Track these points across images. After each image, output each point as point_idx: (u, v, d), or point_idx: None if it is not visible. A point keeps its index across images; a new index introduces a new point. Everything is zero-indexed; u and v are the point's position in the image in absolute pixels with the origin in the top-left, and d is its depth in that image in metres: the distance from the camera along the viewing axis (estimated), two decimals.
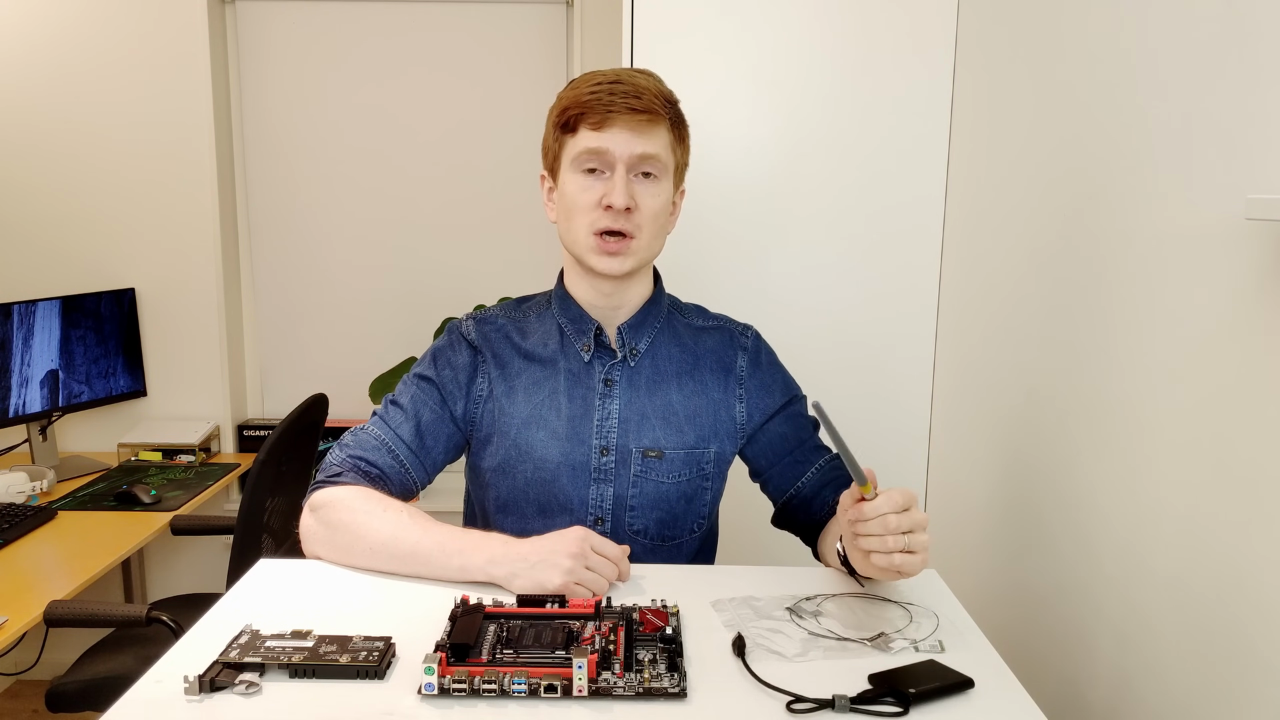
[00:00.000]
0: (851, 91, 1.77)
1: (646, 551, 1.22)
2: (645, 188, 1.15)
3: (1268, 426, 0.88)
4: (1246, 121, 0.92)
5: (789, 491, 1.26)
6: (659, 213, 1.17)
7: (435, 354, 1.25)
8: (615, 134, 1.12)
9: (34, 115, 2.68)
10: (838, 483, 1.25)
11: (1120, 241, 1.15)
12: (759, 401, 1.26)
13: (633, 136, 1.12)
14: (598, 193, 1.14)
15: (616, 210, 1.12)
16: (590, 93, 1.12)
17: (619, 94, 1.11)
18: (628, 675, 0.83)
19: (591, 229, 1.14)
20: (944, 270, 1.80)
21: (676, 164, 1.19)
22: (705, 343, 1.27)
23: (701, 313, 1.31)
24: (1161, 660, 1.04)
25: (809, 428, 1.28)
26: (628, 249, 1.15)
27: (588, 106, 1.12)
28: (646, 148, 1.13)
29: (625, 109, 1.11)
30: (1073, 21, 1.30)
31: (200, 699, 0.81)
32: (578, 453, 1.20)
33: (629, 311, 1.23)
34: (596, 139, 1.12)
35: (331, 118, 2.77)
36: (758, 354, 1.28)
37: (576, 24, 2.63)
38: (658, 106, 1.13)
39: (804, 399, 1.29)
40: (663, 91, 1.16)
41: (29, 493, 2.29)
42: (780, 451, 1.26)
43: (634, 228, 1.14)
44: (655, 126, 1.14)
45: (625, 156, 1.12)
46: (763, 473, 1.28)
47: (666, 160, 1.16)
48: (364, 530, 1.08)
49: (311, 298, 2.86)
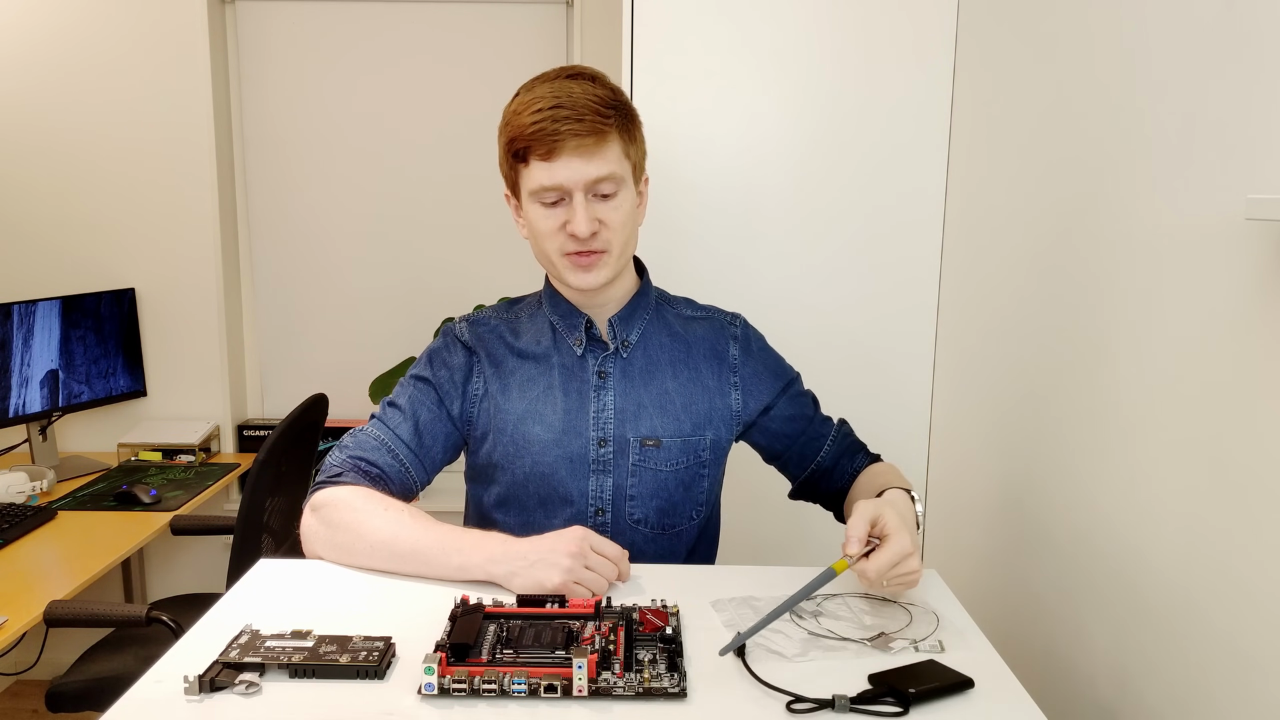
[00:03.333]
0: (852, 90, 1.77)
1: (647, 541, 1.23)
2: (606, 205, 1.14)
3: (1267, 426, 0.88)
4: (1246, 121, 0.92)
5: (810, 467, 1.31)
6: (625, 221, 1.17)
7: (431, 355, 1.26)
8: (565, 163, 1.11)
9: (34, 115, 2.68)
10: (851, 449, 1.32)
11: (1120, 241, 1.15)
12: (755, 389, 1.28)
13: (583, 163, 1.11)
14: (560, 219, 1.14)
15: (582, 237, 1.13)
16: (534, 124, 1.10)
17: (561, 119, 1.09)
18: (628, 675, 0.84)
19: (561, 251, 1.16)
20: (944, 269, 1.80)
21: (633, 165, 1.18)
22: (696, 331, 1.29)
23: (690, 303, 1.33)
24: (1161, 660, 1.04)
25: (810, 404, 1.33)
26: (600, 262, 1.16)
27: (533, 139, 1.11)
28: (599, 170, 1.12)
29: (571, 135, 1.10)
30: (1072, 21, 1.30)
31: (200, 699, 0.81)
32: (575, 445, 1.21)
33: (616, 305, 1.25)
34: (548, 172, 1.12)
35: (331, 117, 2.77)
36: (748, 341, 1.30)
37: (576, 24, 2.63)
38: (600, 122, 1.11)
39: (799, 378, 1.34)
40: (604, 98, 1.13)
41: (29, 493, 2.29)
42: (793, 433, 1.30)
43: (603, 244, 1.15)
44: (604, 144, 1.12)
45: (580, 183, 1.12)
46: (780, 455, 1.32)
47: (622, 172, 1.15)
48: (364, 529, 1.08)
49: (311, 298, 2.86)
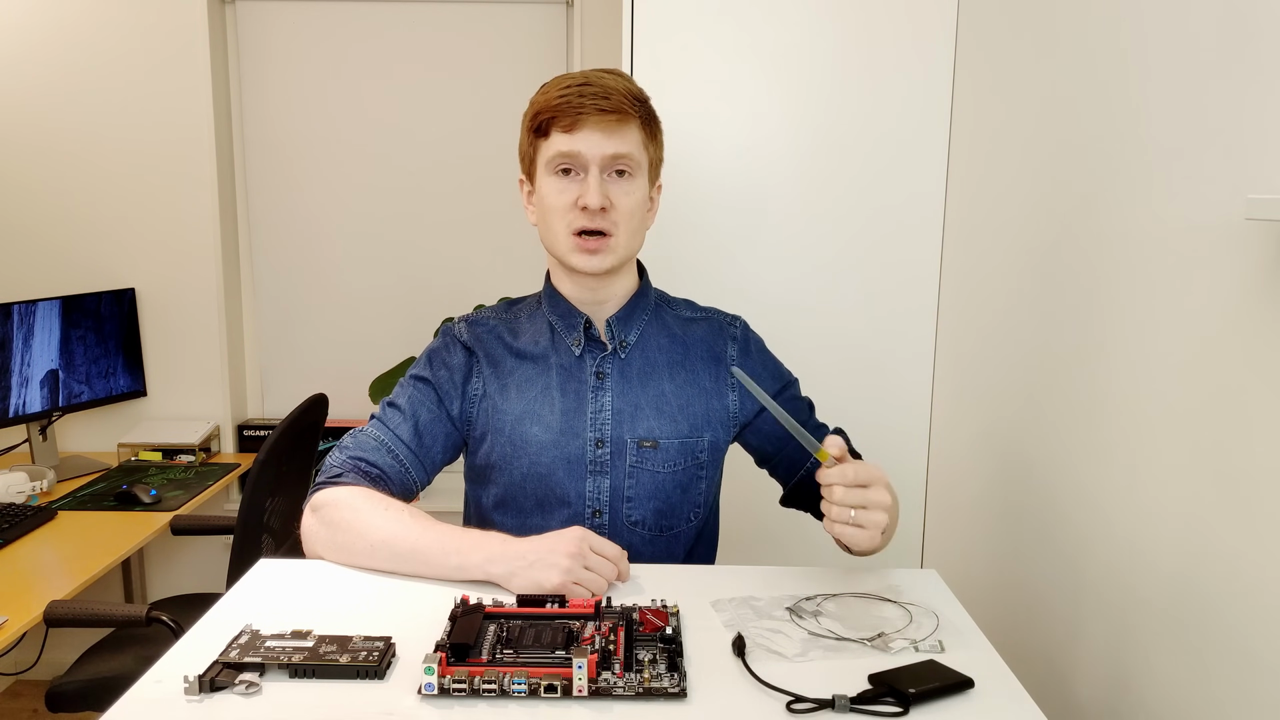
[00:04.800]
0: (852, 90, 1.77)
1: (645, 542, 1.23)
2: (619, 186, 1.16)
3: (1267, 426, 0.88)
4: (1246, 121, 0.92)
5: (799, 473, 1.29)
6: (635, 210, 1.18)
7: (430, 356, 1.26)
8: (586, 135, 1.14)
9: (34, 115, 2.68)
10: None
11: (1120, 241, 1.15)
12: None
13: (603, 137, 1.14)
14: (573, 194, 1.15)
15: (592, 210, 1.14)
16: (560, 96, 1.14)
17: (588, 95, 1.13)
18: (628, 675, 0.83)
19: (569, 230, 1.16)
20: (944, 269, 1.80)
21: (650, 161, 1.21)
22: (694, 333, 1.29)
23: (690, 305, 1.33)
24: (1161, 660, 1.04)
25: (805, 410, 1.32)
26: (606, 246, 1.17)
27: (558, 110, 1.14)
28: (618, 147, 1.15)
29: (595, 110, 1.13)
30: (1072, 21, 1.30)
31: (200, 699, 0.81)
32: (573, 446, 1.20)
33: (616, 305, 1.25)
34: (568, 141, 1.14)
35: (331, 117, 2.77)
36: (747, 343, 1.30)
37: (576, 24, 2.63)
38: (626, 105, 1.15)
39: (796, 381, 1.33)
40: (632, 90, 1.17)
41: (29, 493, 2.29)
42: (785, 436, 1.28)
43: (611, 225, 1.16)
44: (625, 125, 1.15)
45: (597, 157, 1.14)
46: (770, 459, 1.31)
47: (639, 158, 1.18)
48: (364, 529, 1.08)
49: (311, 298, 2.86)
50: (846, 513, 0.99)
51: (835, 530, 1.01)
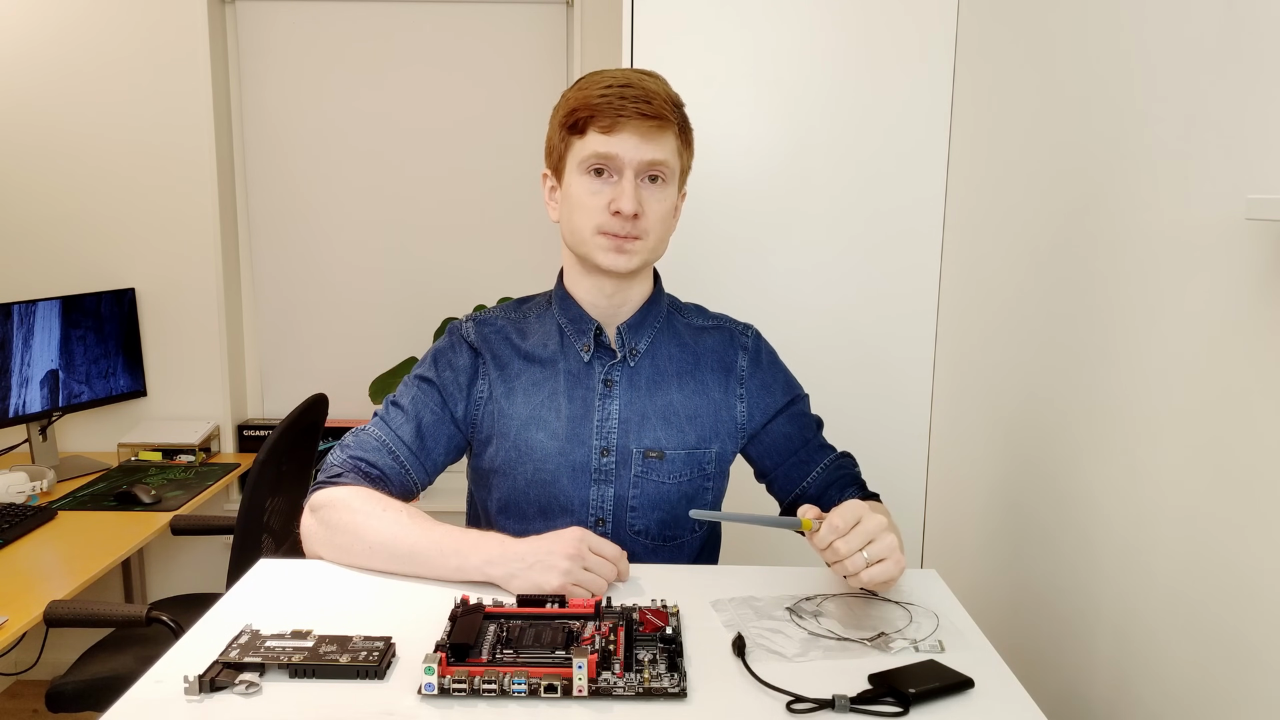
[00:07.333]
0: (852, 92, 1.77)
1: (648, 552, 1.22)
2: (652, 192, 1.15)
3: (1267, 425, 0.88)
4: (1246, 121, 0.92)
5: (794, 491, 1.26)
6: (665, 216, 1.17)
7: (436, 355, 1.25)
8: (625, 139, 1.12)
9: (34, 115, 2.68)
10: (842, 482, 1.25)
11: (1120, 242, 1.15)
12: (760, 401, 1.26)
13: (642, 142, 1.12)
14: (605, 196, 1.14)
15: (625, 215, 1.12)
16: (601, 95, 1.12)
17: (630, 98, 1.11)
18: (628, 675, 0.83)
19: (597, 229, 1.15)
20: (944, 270, 1.80)
21: (682, 168, 1.20)
22: (705, 342, 1.26)
23: (701, 312, 1.31)
24: (1161, 660, 1.04)
25: (812, 427, 1.29)
26: (635, 247, 1.15)
27: (597, 110, 1.12)
28: (655, 154, 1.13)
29: (636, 114, 1.11)
30: (1073, 22, 1.30)
31: (200, 699, 0.81)
32: (578, 453, 1.19)
33: (629, 311, 1.23)
34: (606, 143, 1.12)
35: (332, 118, 2.77)
36: (758, 353, 1.28)
37: (576, 24, 2.63)
38: (667, 112, 1.13)
39: (806, 397, 1.30)
40: (671, 95, 1.15)
41: (29, 493, 2.29)
42: (785, 451, 1.26)
43: (641, 231, 1.15)
44: (664, 132, 1.14)
45: (634, 162, 1.12)
46: (768, 473, 1.28)
47: (674, 165, 1.16)
48: (363, 530, 1.08)
49: (311, 298, 2.86)
50: (859, 559, 0.95)
51: (863, 580, 0.96)
